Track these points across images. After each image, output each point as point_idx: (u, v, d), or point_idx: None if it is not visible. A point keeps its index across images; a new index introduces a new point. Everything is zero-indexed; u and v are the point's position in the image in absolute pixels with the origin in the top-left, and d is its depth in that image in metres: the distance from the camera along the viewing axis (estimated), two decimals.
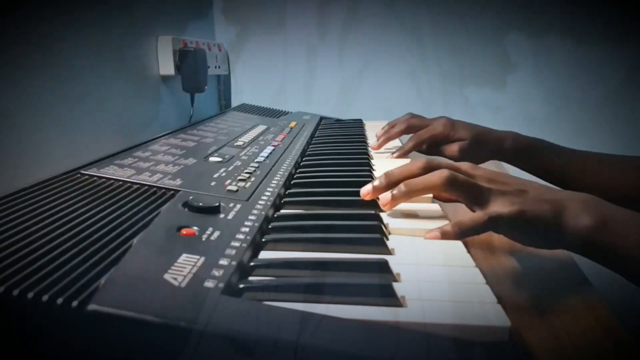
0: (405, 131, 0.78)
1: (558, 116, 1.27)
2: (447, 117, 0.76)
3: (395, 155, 0.75)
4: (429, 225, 0.43)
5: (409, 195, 0.45)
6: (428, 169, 0.46)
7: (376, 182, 0.47)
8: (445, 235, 0.41)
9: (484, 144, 0.73)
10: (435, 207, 0.49)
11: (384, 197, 0.46)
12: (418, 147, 0.76)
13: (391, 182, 0.46)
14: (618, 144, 0.97)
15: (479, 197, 0.43)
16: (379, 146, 0.79)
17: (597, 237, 0.39)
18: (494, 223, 0.41)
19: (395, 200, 0.45)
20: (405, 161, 0.72)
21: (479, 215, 0.41)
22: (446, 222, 0.43)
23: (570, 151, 0.73)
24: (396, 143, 0.82)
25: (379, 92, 1.35)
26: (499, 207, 0.41)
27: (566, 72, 1.26)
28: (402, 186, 0.45)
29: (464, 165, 0.47)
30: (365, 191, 0.47)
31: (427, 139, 0.75)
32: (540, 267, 0.47)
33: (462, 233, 0.41)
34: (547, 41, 1.25)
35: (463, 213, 0.45)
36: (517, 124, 0.81)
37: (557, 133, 0.78)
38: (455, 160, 0.72)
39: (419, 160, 0.47)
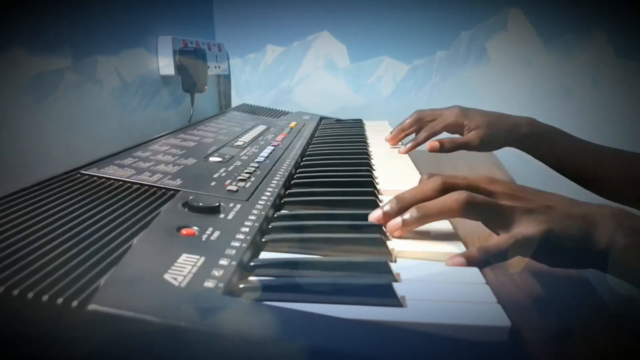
0: (417, 122, 0.78)
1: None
2: (459, 106, 0.75)
3: (408, 147, 0.74)
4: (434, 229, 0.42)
5: (421, 221, 0.41)
6: (443, 190, 0.41)
7: (386, 207, 0.42)
8: (470, 261, 0.37)
9: (500, 130, 0.71)
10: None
11: (394, 223, 0.41)
12: (431, 138, 0.75)
13: (403, 207, 0.42)
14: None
15: (501, 218, 0.39)
16: (393, 138, 0.80)
17: (632, 256, 0.36)
18: (521, 246, 0.37)
19: (406, 226, 0.41)
20: (404, 161, 0.72)
21: (503, 239, 0.38)
22: (449, 226, 0.42)
23: (586, 143, 0.71)
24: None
25: (380, 92, 1.35)
26: (524, 227, 0.38)
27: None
28: (414, 210, 0.41)
29: (483, 182, 0.43)
30: (375, 217, 0.43)
31: (440, 130, 0.75)
32: (540, 266, 0.47)
33: (487, 259, 0.37)
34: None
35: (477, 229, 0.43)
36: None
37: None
38: (475, 148, 0.71)
39: (433, 179, 0.43)
